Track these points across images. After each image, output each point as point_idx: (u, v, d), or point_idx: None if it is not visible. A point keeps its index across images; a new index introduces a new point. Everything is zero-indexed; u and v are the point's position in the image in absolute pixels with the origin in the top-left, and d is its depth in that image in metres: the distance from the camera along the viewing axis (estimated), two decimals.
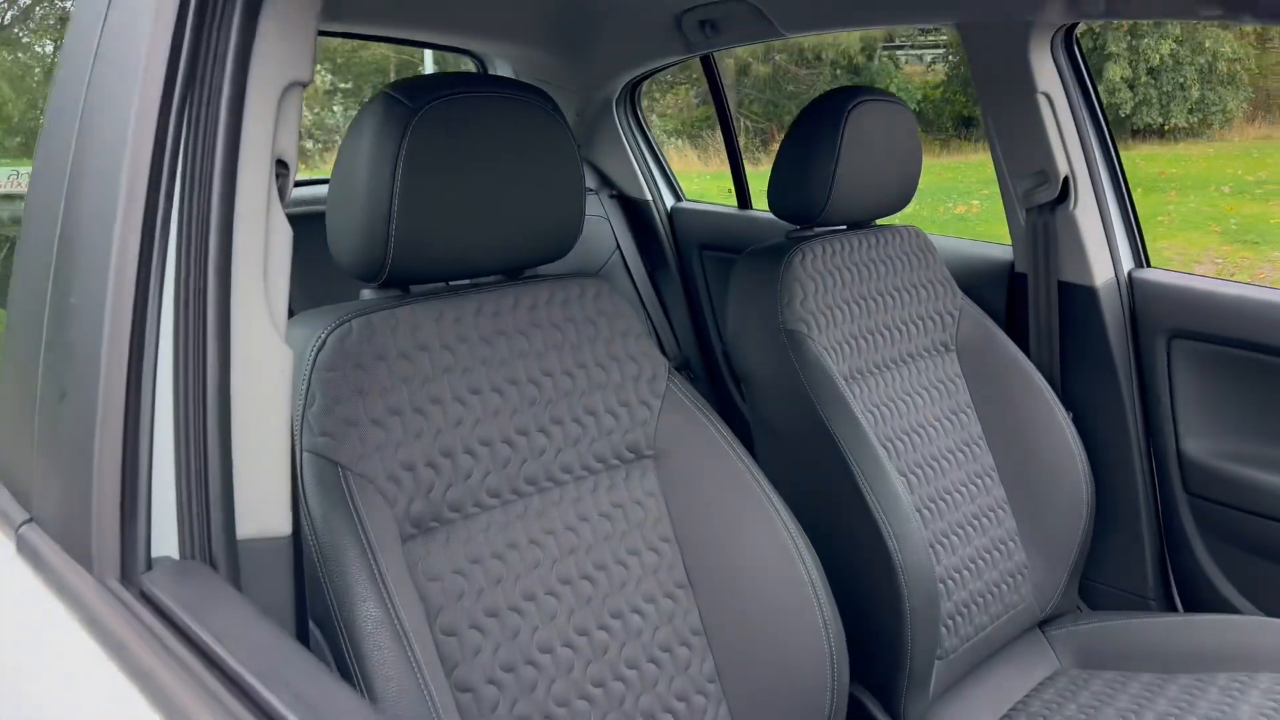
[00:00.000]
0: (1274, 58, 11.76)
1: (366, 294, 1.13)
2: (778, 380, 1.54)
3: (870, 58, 13.30)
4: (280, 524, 0.78)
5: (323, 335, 1.03)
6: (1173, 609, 1.81)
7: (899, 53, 13.69)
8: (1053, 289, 1.80)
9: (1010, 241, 1.90)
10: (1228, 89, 11.45)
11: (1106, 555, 1.84)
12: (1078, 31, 1.72)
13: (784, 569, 1.22)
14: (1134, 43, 11.20)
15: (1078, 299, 1.79)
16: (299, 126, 0.82)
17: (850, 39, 12.23)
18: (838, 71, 13.04)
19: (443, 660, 1.03)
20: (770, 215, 2.36)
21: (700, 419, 1.27)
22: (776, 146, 1.67)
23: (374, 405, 1.03)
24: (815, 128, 1.58)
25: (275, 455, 0.78)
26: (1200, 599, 1.76)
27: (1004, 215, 1.86)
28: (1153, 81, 11.24)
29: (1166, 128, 11.57)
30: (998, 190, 1.87)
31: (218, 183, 0.73)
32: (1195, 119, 11.45)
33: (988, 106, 1.79)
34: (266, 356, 0.77)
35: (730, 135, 2.46)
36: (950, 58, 12.73)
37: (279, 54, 0.78)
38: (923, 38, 13.06)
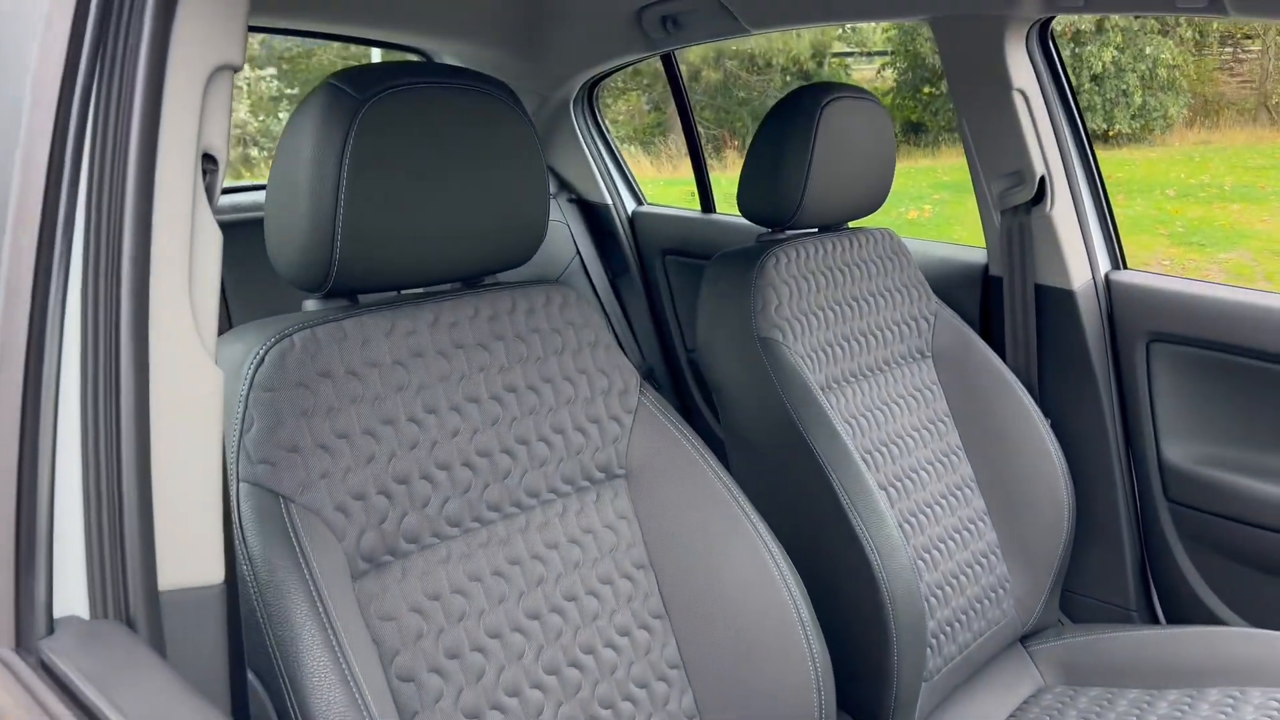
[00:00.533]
0: (1212, 64, 12.01)
1: (310, 305, 1.03)
2: (752, 390, 1.46)
3: (820, 64, 13.36)
4: (212, 571, 0.68)
5: (261, 351, 0.93)
6: (1155, 620, 1.77)
7: (848, 59, 13.77)
8: (1029, 292, 1.74)
9: (984, 243, 1.85)
10: (1168, 95, 11.67)
11: (1087, 566, 1.79)
12: (1053, 26, 1.67)
13: (766, 593, 1.13)
14: (1077, 50, 11.37)
15: (1055, 302, 1.74)
16: (230, 116, 0.72)
17: (801, 45, 12.27)
18: (788, 77, 13.07)
19: (400, 709, 0.93)
20: (736, 220, 2.30)
21: (674, 434, 1.19)
22: (729, 153, 1.59)
23: (319, 428, 0.93)
24: (787, 126, 1.50)
25: (205, 491, 0.68)
26: (1184, 610, 1.72)
27: (955, 219, 1.81)
28: (1096, 88, 11.41)
29: (1110, 133, 11.76)
30: (949, 195, 1.82)
31: (132, 179, 0.63)
32: (1138, 125, 11.65)
33: (962, 104, 1.73)
34: (193, 378, 0.67)
35: (693, 137, 2.38)
36: (899, 64, 12.83)
37: (205, 33, 0.68)
38: (872, 41, 13.14)
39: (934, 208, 8.29)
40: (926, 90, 10.85)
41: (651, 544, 1.16)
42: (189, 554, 0.66)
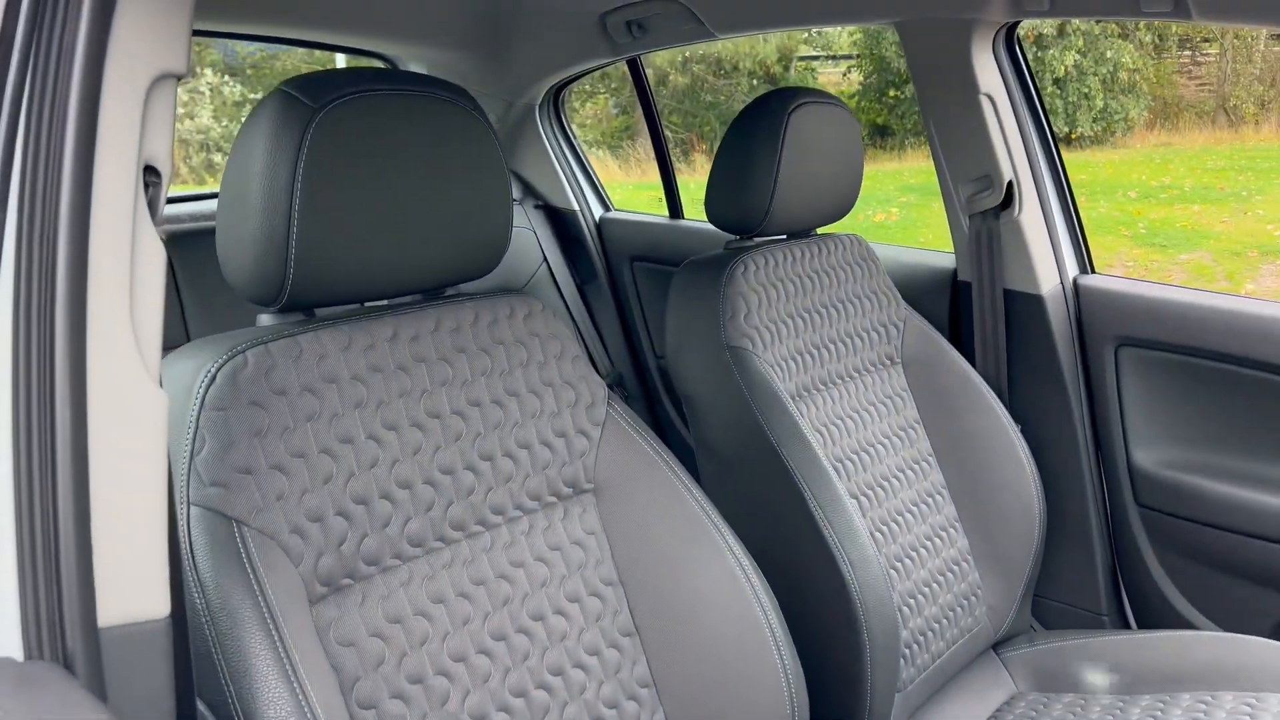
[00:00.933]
0: (1171, 67, 12.19)
1: (264, 319, 0.99)
2: (722, 400, 1.44)
3: (787, 68, 13.42)
4: (157, 604, 0.64)
5: (212, 369, 0.89)
6: (1126, 625, 1.77)
7: (814, 62, 13.84)
8: (998, 297, 1.74)
9: (952, 248, 1.84)
10: (1129, 98, 11.83)
11: (1058, 571, 1.79)
12: (1020, 30, 1.67)
13: (738, 609, 1.11)
14: (1039, 54, 11.50)
15: (1023, 307, 1.74)
16: (174, 127, 0.69)
17: (767, 49, 12.31)
18: (754, 81, 13.12)
19: None
20: (705, 225, 2.28)
21: (643, 447, 1.16)
22: (698, 156, 1.57)
23: (274, 448, 0.90)
24: (754, 131, 1.49)
25: (149, 519, 0.65)
26: (1154, 614, 1.72)
27: (922, 222, 1.80)
28: (1059, 91, 11.54)
29: (1073, 136, 11.90)
30: (915, 198, 1.82)
31: (67, 193, 0.60)
32: (1099, 127, 11.80)
33: (929, 109, 1.72)
34: (135, 403, 0.64)
35: (660, 142, 2.36)
36: (865, 67, 12.91)
37: (146, 39, 0.65)
38: (838, 45, 13.21)
39: (900, 211, 8.33)
40: (892, 93, 10.93)
41: (620, 560, 1.14)
42: (132, 587, 0.63)
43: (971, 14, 1.55)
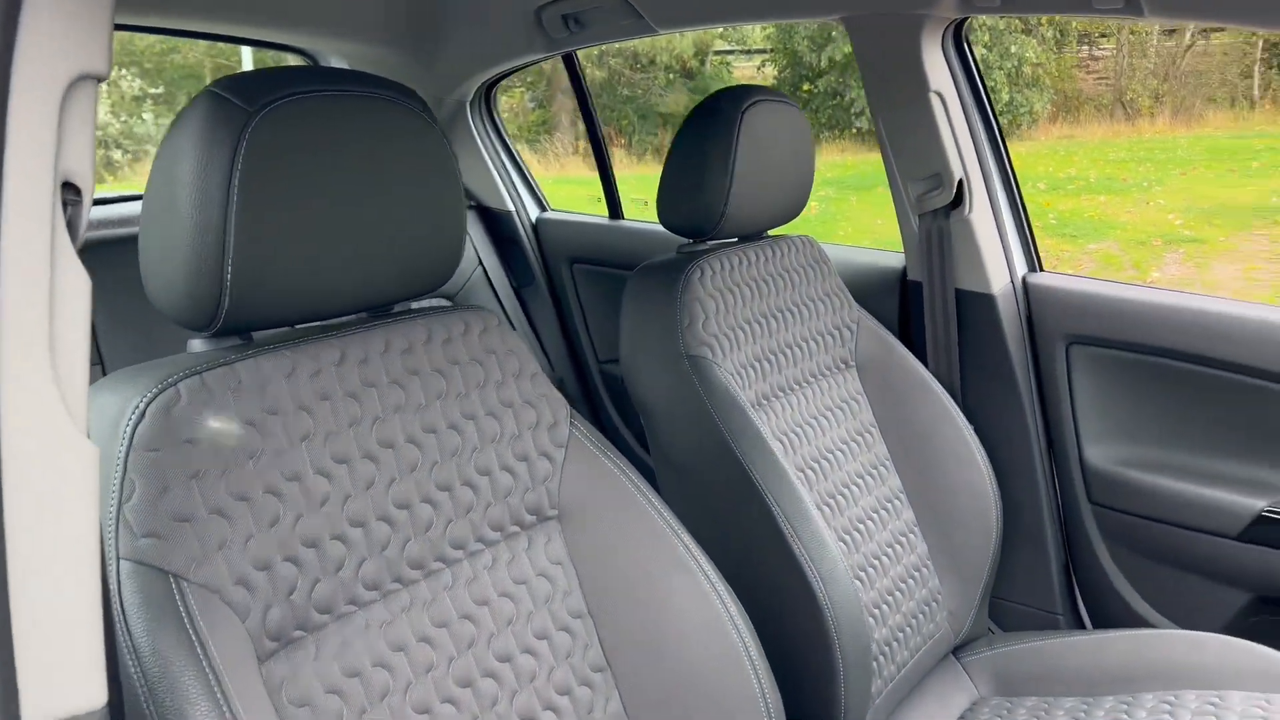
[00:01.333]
0: (1071, 61, 12.57)
1: (196, 345, 0.90)
2: (682, 411, 1.38)
3: (703, 62, 13.44)
4: (91, 694, 0.55)
5: (140, 404, 0.79)
6: (1081, 624, 1.77)
7: (729, 56, 13.89)
8: (950, 297, 1.72)
9: (894, 246, 1.81)
10: (1033, 91, 12.17)
11: (1013, 572, 1.78)
12: (966, 27, 1.64)
13: (713, 635, 1.05)
14: None
15: (975, 306, 1.72)
16: (94, 137, 0.60)
17: (684, 43, 12.31)
18: (671, 75, 13.11)
19: None
20: (647, 226, 2.21)
21: (608, 466, 1.10)
22: (616, 151, 1.51)
23: (213, 491, 0.81)
24: (707, 132, 1.43)
25: (80, 595, 0.55)
26: (1110, 613, 1.72)
27: (841, 215, 1.76)
28: None
29: None
30: (833, 192, 1.78)
31: None
32: (1006, 120, 12.11)
33: (878, 107, 1.69)
34: (59, 460, 0.55)
35: (598, 140, 2.29)
36: (779, 61, 13.01)
37: (61, 36, 0.55)
38: (752, 39, 13.28)
39: (820, 205, 8.39)
40: (806, 88, 11.03)
41: (589, 589, 1.07)
42: (62, 677, 0.54)
43: (921, 9, 1.52)
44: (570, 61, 2.20)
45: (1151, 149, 10.46)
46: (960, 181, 1.68)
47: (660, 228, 1.48)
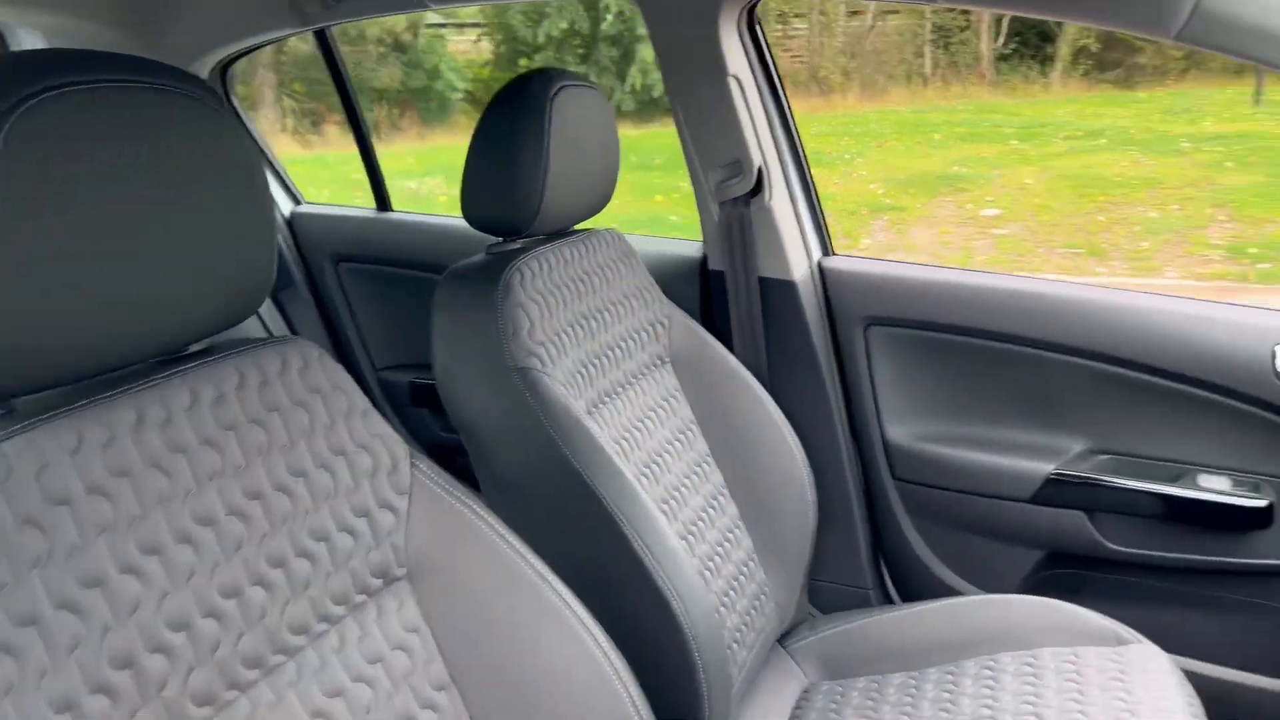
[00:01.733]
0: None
1: None
2: (512, 429, 1.26)
3: (416, 35, 12.97)
4: None
5: None
6: (889, 598, 1.83)
7: (443, 30, 13.49)
8: (753, 285, 1.70)
9: (690, 235, 1.77)
10: None
11: (825, 552, 1.81)
12: (758, 9, 1.61)
13: (592, 683, 0.96)
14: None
15: (777, 294, 1.71)
16: None
17: (395, 17, 11.80)
18: (383, 49, 12.55)
19: None
20: (423, 218, 2.03)
21: (459, 509, 0.96)
22: (329, 128, 1.36)
23: None
24: (516, 120, 1.30)
25: None
26: (917, 583, 1.79)
27: None
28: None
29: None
30: None
31: None
32: None
33: (676, 92, 1.63)
34: None
35: (359, 125, 2.06)
36: (494, 35, 12.78)
37: None
38: (465, 14, 12.96)
39: None
40: (523, 62, 10.93)
41: (451, 655, 0.94)
42: None
43: None
44: (324, 38, 1.97)
45: (846, 123, 11.28)
46: (760, 169, 1.65)
47: (436, 219, 1.34)
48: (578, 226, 1.53)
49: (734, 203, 1.67)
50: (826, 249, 1.80)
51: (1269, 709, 1.56)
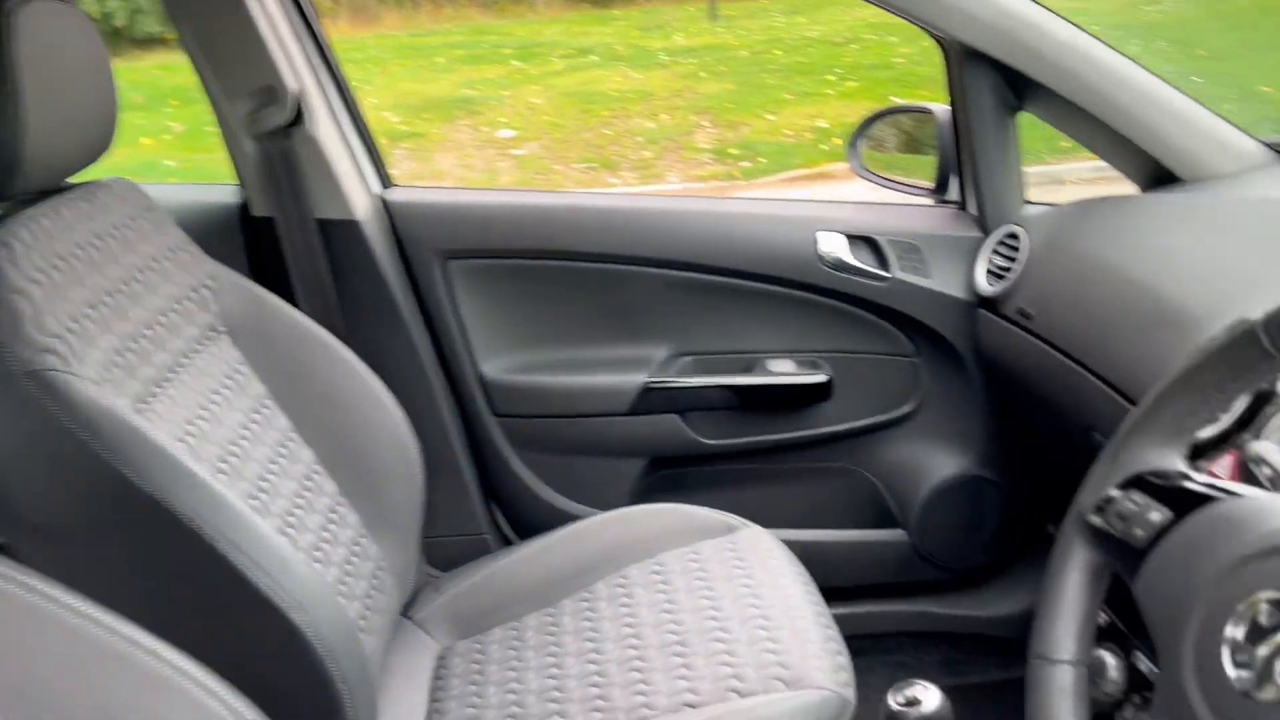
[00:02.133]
0: None
1: None
2: (38, 455, 0.96)
3: None
4: None
5: None
6: (506, 540, 1.77)
7: None
8: (310, 229, 1.49)
9: (233, 179, 1.51)
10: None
11: (434, 505, 1.69)
12: None
13: None
14: None
15: (340, 235, 1.52)
16: None
17: None
18: None
19: None
20: None
21: None
22: None
23: None
24: None
25: None
26: (533, 517, 1.74)
27: None
28: None
29: (167, 36, 11.27)
30: None
31: None
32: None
33: (182, 15, 1.34)
34: None
35: None
36: None
37: None
38: None
39: None
40: None
41: None
42: None
43: None
44: None
45: (346, 49, 10.76)
46: (297, 95, 1.43)
47: None
48: (73, 180, 1.21)
49: (272, 136, 1.43)
50: (385, 181, 1.64)
51: (846, 556, 1.77)
